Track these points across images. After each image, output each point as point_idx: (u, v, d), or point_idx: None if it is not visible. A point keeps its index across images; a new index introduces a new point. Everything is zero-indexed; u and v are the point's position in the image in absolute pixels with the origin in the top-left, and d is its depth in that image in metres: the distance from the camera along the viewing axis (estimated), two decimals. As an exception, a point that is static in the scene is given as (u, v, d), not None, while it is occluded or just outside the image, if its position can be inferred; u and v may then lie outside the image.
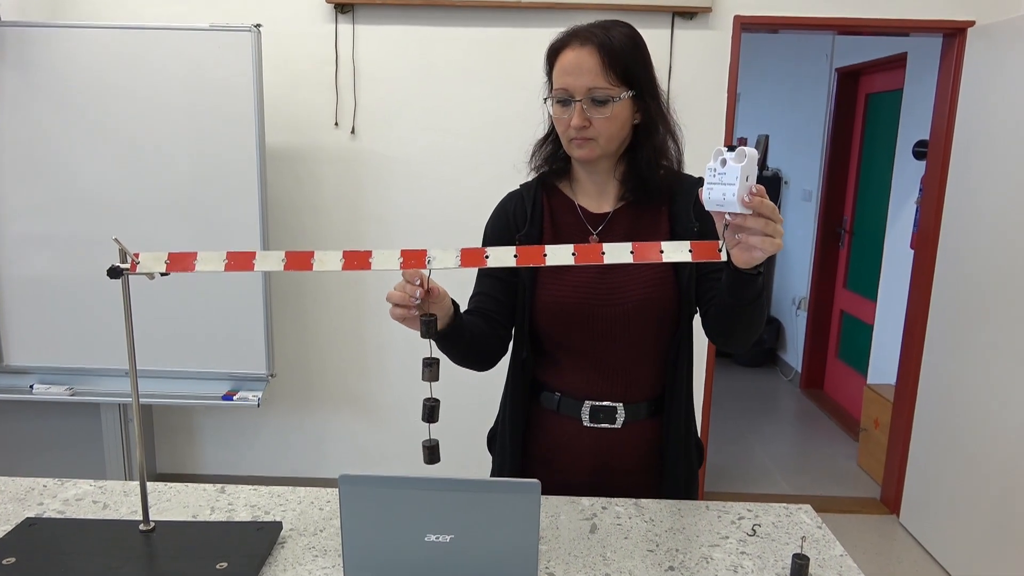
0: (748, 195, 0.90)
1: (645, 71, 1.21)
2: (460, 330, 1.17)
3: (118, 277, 1.01)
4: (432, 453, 1.10)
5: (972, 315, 2.72)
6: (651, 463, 1.32)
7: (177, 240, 2.55)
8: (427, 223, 3.01)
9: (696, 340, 1.30)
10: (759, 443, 4.01)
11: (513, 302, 1.31)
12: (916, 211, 3.40)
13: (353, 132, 2.96)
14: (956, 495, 2.78)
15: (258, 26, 2.44)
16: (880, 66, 4.09)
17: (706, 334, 1.24)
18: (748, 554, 1.12)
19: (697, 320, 1.29)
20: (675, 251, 0.98)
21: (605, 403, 1.28)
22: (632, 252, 0.97)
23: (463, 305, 1.36)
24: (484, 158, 2.96)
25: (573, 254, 0.98)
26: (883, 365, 3.88)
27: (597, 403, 1.28)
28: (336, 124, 2.96)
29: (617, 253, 0.97)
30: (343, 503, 0.96)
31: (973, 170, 2.76)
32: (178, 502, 1.25)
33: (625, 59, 1.17)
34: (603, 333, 1.26)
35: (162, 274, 1.03)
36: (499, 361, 1.34)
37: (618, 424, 1.29)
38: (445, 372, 1.09)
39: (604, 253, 0.97)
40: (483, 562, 0.96)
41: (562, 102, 1.20)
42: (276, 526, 1.15)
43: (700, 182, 0.94)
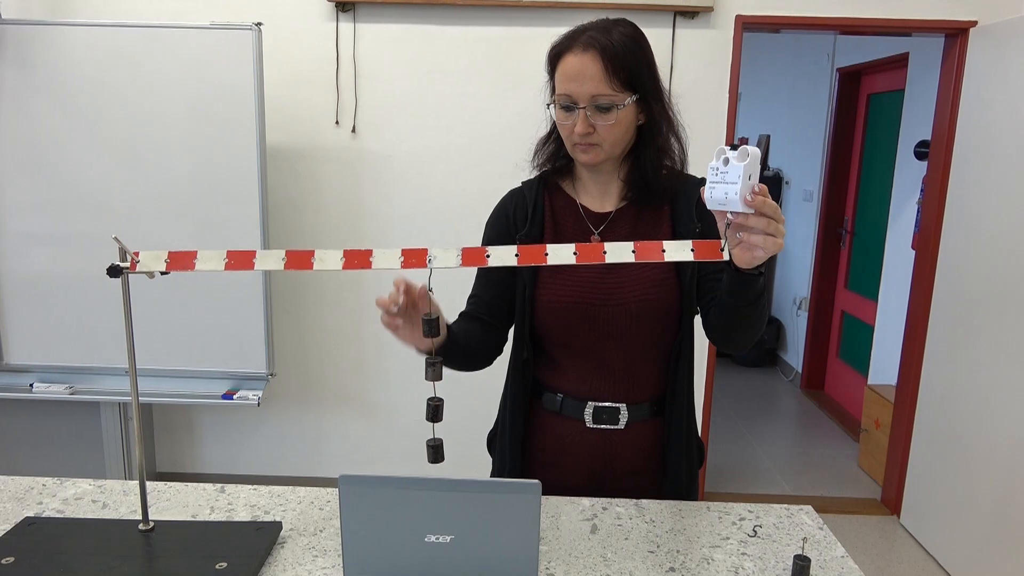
0: (750, 194, 0.90)
1: (649, 72, 1.19)
2: (452, 345, 1.19)
3: (118, 276, 1.01)
4: (436, 452, 1.10)
5: (973, 316, 2.72)
6: (653, 463, 1.32)
7: (177, 238, 2.55)
8: (428, 222, 3.01)
9: (696, 340, 1.29)
10: (759, 443, 4.01)
11: (509, 304, 1.31)
12: (917, 211, 3.39)
13: (354, 131, 2.96)
14: (957, 496, 2.78)
15: (259, 24, 2.44)
16: (882, 66, 4.09)
17: (707, 335, 1.23)
18: (749, 555, 1.12)
19: (697, 320, 1.28)
20: (677, 250, 0.97)
21: (608, 404, 1.28)
22: (634, 251, 0.97)
23: (463, 304, 1.36)
24: (485, 157, 2.95)
25: (575, 253, 0.98)
26: (884, 366, 3.88)
27: (600, 404, 1.28)
28: (337, 123, 2.95)
29: (619, 252, 0.97)
30: (343, 503, 0.96)
31: (975, 171, 2.76)
32: (178, 502, 1.25)
33: (628, 63, 1.15)
34: (605, 333, 1.25)
35: (162, 273, 1.02)
36: (495, 360, 1.34)
37: (621, 425, 1.28)
38: (446, 373, 1.09)
39: (606, 252, 0.97)
40: (483, 563, 0.96)
41: (565, 107, 1.19)
42: (276, 526, 1.15)
43: (703, 183, 0.93)
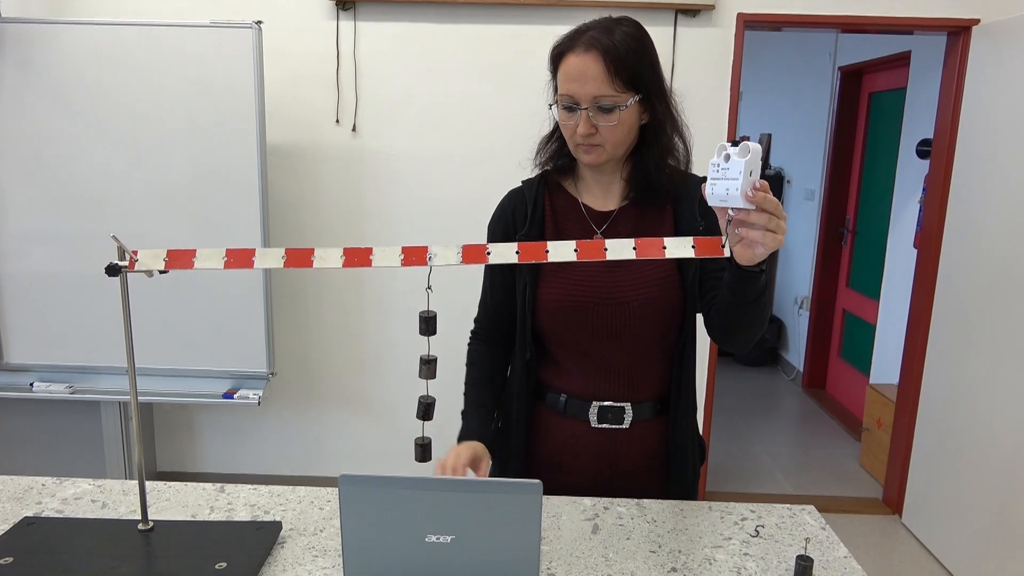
0: (751, 190, 0.89)
1: (652, 72, 1.18)
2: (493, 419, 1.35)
3: (116, 275, 1.00)
4: (424, 451, 1.09)
5: (975, 315, 2.71)
6: (657, 463, 1.31)
7: (177, 237, 2.55)
8: (429, 220, 3.01)
9: (698, 339, 1.29)
10: (761, 443, 4.00)
11: (513, 317, 1.32)
12: (919, 210, 3.39)
13: (354, 129, 2.95)
14: (959, 495, 2.77)
15: (259, 23, 2.44)
16: (884, 64, 4.07)
17: (708, 333, 1.23)
18: (751, 555, 1.11)
19: (698, 319, 1.28)
20: (678, 247, 0.97)
21: (613, 404, 1.27)
22: (635, 248, 0.96)
23: (474, 310, 1.39)
24: (486, 155, 2.95)
25: (575, 250, 0.97)
26: (886, 365, 3.87)
27: (605, 404, 1.27)
28: (337, 121, 2.95)
29: (620, 249, 0.96)
30: (343, 503, 0.95)
31: (977, 169, 2.75)
32: (177, 501, 1.24)
33: (630, 63, 1.14)
34: (607, 333, 1.24)
35: (161, 272, 1.02)
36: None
37: (626, 424, 1.28)
38: (445, 372, 1.08)
39: (607, 249, 0.96)
40: (484, 563, 0.95)
41: (568, 108, 1.18)
42: (276, 526, 1.15)
43: (705, 181, 0.93)
